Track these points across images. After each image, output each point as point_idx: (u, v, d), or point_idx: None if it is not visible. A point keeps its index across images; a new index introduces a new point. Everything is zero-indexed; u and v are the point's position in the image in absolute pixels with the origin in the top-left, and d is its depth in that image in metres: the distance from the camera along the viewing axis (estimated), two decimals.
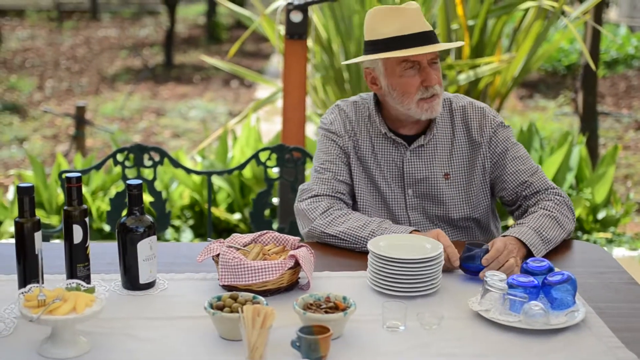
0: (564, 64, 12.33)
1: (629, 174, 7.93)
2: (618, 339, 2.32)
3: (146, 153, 3.78)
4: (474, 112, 3.12)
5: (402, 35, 2.90)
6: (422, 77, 2.94)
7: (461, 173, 3.10)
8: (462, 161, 3.10)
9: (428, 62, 2.95)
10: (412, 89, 2.95)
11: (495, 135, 3.10)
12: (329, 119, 3.17)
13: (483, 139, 3.09)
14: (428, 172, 3.09)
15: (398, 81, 2.96)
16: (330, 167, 3.10)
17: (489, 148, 3.10)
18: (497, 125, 3.11)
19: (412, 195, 3.10)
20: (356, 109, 3.16)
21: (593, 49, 7.14)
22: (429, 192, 3.09)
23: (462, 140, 3.11)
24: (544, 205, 2.99)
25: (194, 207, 5.68)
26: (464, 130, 3.11)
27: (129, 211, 2.59)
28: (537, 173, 3.09)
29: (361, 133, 3.12)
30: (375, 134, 3.11)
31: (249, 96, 11.20)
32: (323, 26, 6.09)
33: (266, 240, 2.75)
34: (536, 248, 2.82)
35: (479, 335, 2.36)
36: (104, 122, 9.73)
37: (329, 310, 2.33)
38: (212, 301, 2.36)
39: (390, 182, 3.10)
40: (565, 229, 2.96)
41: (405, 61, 2.94)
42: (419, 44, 2.90)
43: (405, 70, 2.94)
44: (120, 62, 13.46)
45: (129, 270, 2.59)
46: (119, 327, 2.37)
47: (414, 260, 2.56)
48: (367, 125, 3.13)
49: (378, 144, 3.11)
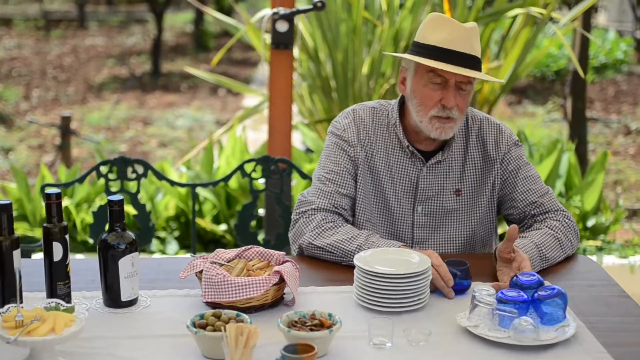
0: (553, 70, 12.32)
1: (619, 180, 7.91)
2: (609, 354, 2.28)
3: (130, 165, 3.72)
4: (490, 128, 3.07)
5: (444, 48, 2.82)
6: (443, 94, 2.86)
7: (472, 189, 3.05)
8: (474, 177, 3.05)
9: (456, 84, 2.86)
10: (430, 102, 2.88)
11: (509, 152, 3.05)
12: (343, 124, 3.07)
13: (498, 156, 3.04)
14: (440, 188, 3.03)
15: (421, 89, 2.89)
16: (335, 179, 3.01)
17: (501, 165, 3.05)
18: (512, 144, 3.06)
19: (420, 212, 3.03)
20: (374, 116, 3.07)
21: (582, 54, 7.12)
22: (439, 209, 3.03)
23: (475, 155, 3.05)
24: (550, 225, 2.95)
25: (180, 218, 5.63)
26: (479, 145, 3.05)
27: (110, 227, 2.53)
28: (547, 194, 3.05)
29: (377, 142, 3.04)
30: (392, 144, 3.03)
31: (237, 104, 11.15)
32: (310, 35, 6.06)
33: (250, 256, 2.70)
34: (533, 263, 2.78)
35: (467, 351, 2.31)
36: (90, 131, 9.67)
37: (314, 328, 2.29)
38: (195, 319, 2.31)
39: (401, 197, 3.03)
40: (565, 252, 2.93)
41: (434, 72, 2.86)
42: (456, 64, 2.82)
43: (430, 82, 2.87)
44: (107, 70, 13.40)
45: (110, 287, 2.54)
46: (100, 347, 2.32)
47: (401, 275, 2.51)
48: (385, 134, 3.04)
49: (394, 155, 3.03)
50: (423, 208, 3.03)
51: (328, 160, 3.05)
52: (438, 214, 3.04)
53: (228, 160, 5.90)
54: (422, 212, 3.03)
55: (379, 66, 5.86)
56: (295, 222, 3.01)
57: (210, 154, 5.93)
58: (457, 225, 3.05)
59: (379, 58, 5.84)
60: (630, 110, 10.72)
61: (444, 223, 3.05)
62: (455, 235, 3.06)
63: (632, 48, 13.85)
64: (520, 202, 3.04)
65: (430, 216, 3.03)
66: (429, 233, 3.04)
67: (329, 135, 3.11)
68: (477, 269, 2.81)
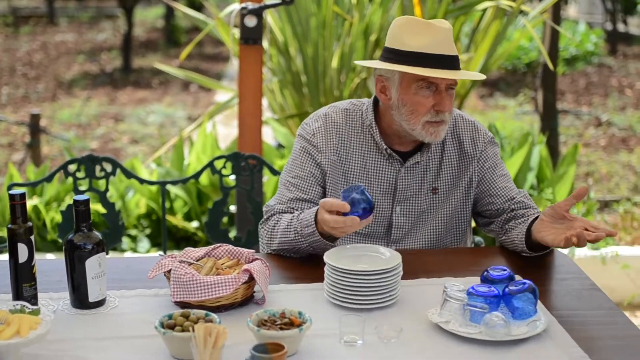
0: (524, 62, 12.37)
1: (590, 172, 7.94)
2: (580, 348, 2.28)
3: (98, 164, 3.68)
4: (465, 125, 3.05)
5: (428, 53, 2.78)
6: (436, 100, 2.83)
7: (448, 187, 3.03)
8: (451, 174, 3.03)
9: (445, 87, 2.83)
10: (423, 109, 2.83)
11: (485, 150, 3.05)
12: (312, 128, 3.01)
13: (475, 153, 3.03)
14: (418, 188, 3.01)
15: (411, 98, 2.84)
16: (299, 184, 2.96)
17: (478, 162, 3.04)
18: (488, 141, 3.06)
19: (399, 212, 3.00)
20: (347, 118, 3.02)
21: (552, 47, 7.13)
22: (416, 208, 3.01)
23: (452, 153, 3.03)
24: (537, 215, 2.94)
25: (151, 216, 5.58)
26: (455, 142, 3.04)
27: (77, 228, 2.49)
28: (522, 192, 3.06)
29: (351, 145, 2.99)
30: (368, 146, 2.99)
31: (209, 100, 11.10)
32: (279, 29, 6.03)
33: (220, 254, 2.67)
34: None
35: (438, 347, 2.30)
36: (60, 129, 9.59)
37: (284, 327, 2.26)
38: (163, 320, 2.28)
39: (379, 199, 2.99)
40: None
41: (423, 80, 2.81)
42: (443, 67, 2.78)
43: (420, 89, 2.83)
44: (77, 67, 13.30)
45: (77, 288, 2.50)
46: (67, 349, 2.28)
47: (371, 271, 2.49)
48: (360, 136, 3.00)
49: (370, 158, 2.99)
50: (402, 208, 3.01)
51: (294, 164, 3.01)
52: (415, 213, 3.02)
53: (198, 156, 5.86)
54: (400, 212, 3.01)
55: (349, 60, 5.84)
56: (259, 233, 3.00)
57: (181, 151, 5.89)
58: (432, 223, 3.04)
59: (349, 52, 5.83)
60: (600, 102, 10.77)
61: (420, 221, 3.03)
62: (429, 232, 3.04)
63: (602, 40, 13.93)
64: (499, 198, 3.03)
65: (407, 216, 3.01)
66: (406, 232, 3.03)
67: (297, 138, 3.06)
68: (451, 263, 2.81)
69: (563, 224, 2.73)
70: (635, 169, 8.08)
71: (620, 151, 8.67)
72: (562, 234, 2.68)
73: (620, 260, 5.27)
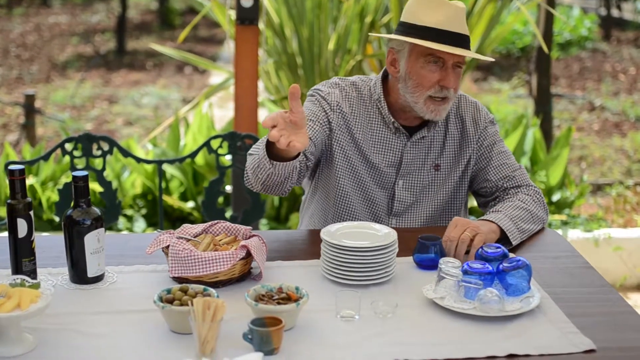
0: (518, 46, 12.37)
1: (583, 156, 7.98)
2: (573, 324, 2.31)
3: (95, 142, 3.70)
4: (467, 106, 3.12)
5: (440, 29, 2.84)
6: (442, 75, 2.89)
7: (449, 164, 3.10)
8: (453, 153, 3.09)
9: (453, 64, 2.89)
10: (428, 83, 2.89)
11: (485, 129, 3.11)
12: (327, 90, 3.07)
13: (476, 132, 3.10)
14: (421, 163, 3.07)
15: (418, 71, 2.90)
16: None
17: (477, 141, 3.10)
18: (489, 121, 3.13)
19: (401, 186, 3.07)
20: (356, 90, 3.08)
21: (546, 31, 7.15)
22: (419, 183, 3.08)
23: (454, 131, 3.09)
24: (521, 198, 2.99)
25: (147, 195, 5.60)
26: (458, 122, 3.10)
27: (75, 203, 2.52)
28: (520, 169, 3.11)
29: (360, 116, 3.05)
30: (375, 119, 3.06)
31: (203, 82, 11.09)
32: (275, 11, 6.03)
33: (217, 231, 2.69)
34: (512, 234, 2.83)
35: (433, 323, 2.33)
36: (55, 110, 9.58)
37: (281, 301, 2.29)
38: (162, 294, 2.31)
39: (385, 169, 3.05)
40: (537, 225, 2.98)
41: (432, 55, 2.87)
42: (453, 44, 2.84)
43: (428, 63, 2.89)
44: (71, 48, 13.27)
45: (76, 263, 2.53)
46: (66, 323, 2.31)
47: (368, 247, 2.52)
48: (368, 108, 3.06)
49: (377, 130, 3.05)
50: (404, 182, 3.07)
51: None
52: (417, 188, 3.08)
53: (194, 137, 5.88)
54: (402, 186, 3.07)
55: (345, 42, 5.85)
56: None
57: (177, 131, 5.90)
58: (431, 199, 3.10)
59: (345, 34, 5.83)
60: (594, 87, 10.80)
61: (420, 197, 3.09)
62: (428, 208, 3.10)
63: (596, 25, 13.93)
64: (493, 175, 3.08)
65: (410, 190, 3.08)
66: (407, 206, 3.09)
67: (308, 97, 3.09)
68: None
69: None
70: (628, 153, 8.11)
71: (613, 135, 8.70)
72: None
73: (613, 243, 5.32)
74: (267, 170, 2.71)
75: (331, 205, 3.09)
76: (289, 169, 2.72)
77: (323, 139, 3.01)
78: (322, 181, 3.11)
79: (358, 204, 3.07)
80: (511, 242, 2.81)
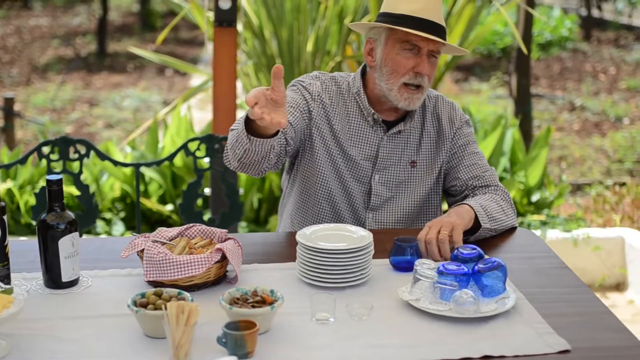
0: (499, 47, 12.41)
1: (564, 156, 8.00)
2: (548, 325, 2.31)
3: (72, 146, 3.68)
4: (444, 105, 3.15)
5: (417, 17, 2.88)
6: (416, 62, 2.92)
7: (426, 162, 3.12)
8: (429, 151, 3.12)
9: (428, 53, 2.92)
10: (403, 69, 2.93)
11: (460, 129, 3.14)
12: (308, 81, 3.10)
13: (451, 132, 3.12)
14: (398, 158, 3.09)
15: (393, 57, 2.94)
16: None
17: (452, 140, 3.12)
18: (464, 122, 3.16)
19: (377, 180, 3.08)
20: (335, 84, 3.11)
21: (525, 31, 7.17)
22: (395, 178, 3.10)
23: (431, 130, 3.12)
24: (490, 197, 3.02)
25: (126, 199, 5.58)
26: (434, 121, 3.13)
27: (49, 207, 2.50)
28: (490, 171, 3.13)
29: (339, 108, 3.08)
30: (354, 112, 3.08)
31: (184, 84, 11.07)
32: (254, 12, 6.02)
33: (192, 234, 2.69)
34: (482, 218, 2.85)
35: (409, 325, 2.33)
36: (35, 113, 9.54)
37: (256, 305, 2.29)
38: (136, 298, 2.30)
39: (361, 161, 3.07)
40: (508, 218, 2.99)
41: (407, 42, 2.91)
42: (429, 32, 2.88)
43: (403, 50, 2.92)
44: (52, 51, 13.22)
45: (50, 268, 2.51)
46: (40, 328, 2.30)
47: (343, 250, 2.52)
48: (347, 101, 3.08)
49: (356, 122, 3.07)
50: (380, 177, 3.08)
51: None
52: (393, 183, 3.10)
53: (173, 139, 5.86)
54: (379, 180, 3.08)
55: (324, 44, 5.85)
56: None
57: (155, 134, 5.88)
58: (407, 197, 3.11)
59: (324, 36, 5.83)
60: (575, 87, 10.84)
61: (397, 193, 3.10)
62: (404, 206, 3.11)
63: (576, 25, 13.98)
64: (464, 174, 3.10)
65: (386, 185, 3.09)
66: (384, 201, 3.10)
67: (290, 87, 3.11)
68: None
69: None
70: (608, 152, 8.14)
71: (593, 135, 8.73)
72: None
73: (592, 243, 5.33)
74: (244, 146, 2.72)
75: (312, 196, 3.09)
76: (267, 147, 2.73)
77: (302, 127, 3.03)
78: (301, 172, 3.12)
79: (338, 194, 3.08)
80: (480, 223, 2.83)
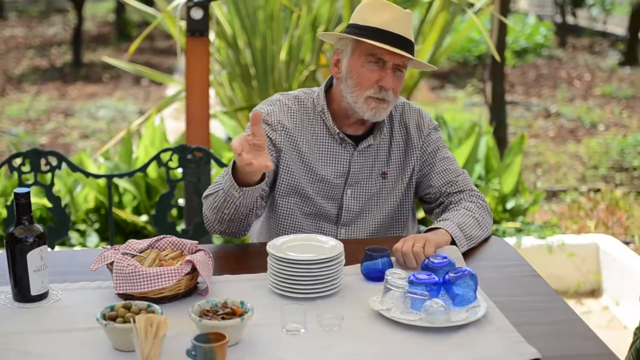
0: (475, 54, 12.46)
1: (539, 162, 8.03)
2: (519, 334, 2.31)
3: (43, 157, 3.66)
4: (411, 112, 3.13)
5: (384, 29, 2.86)
6: (381, 75, 2.89)
7: (396, 172, 3.10)
8: (399, 160, 3.10)
9: (393, 66, 2.90)
10: (367, 82, 2.90)
11: (429, 136, 3.12)
12: (267, 109, 3.04)
13: (420, 139, 3.10)
14: (369, 171, 3.07)
15: (358, 70, 2.91)
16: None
17: (421, 148, 3.10)
18: (432, 128, 3.14)
19: (350, 195, 3.06)
20: (299, 104, 3.07)
21: (499, 39, 7.19)
22: (366, 192, 3.08)
23: (399, 139, 3.10)
24: (465, 206, 3.01)
25: (100, 210, 5.55)
26: (402, 130, 3.11)
27: (18, 221, 2.48)
28: (463, 174, 3.13)
29: (305, 129, 3.04)
30: (320, 131, 3.04)
31: (160, 94, 11.04)
32: (228, 22, 6.02)
33: (163, 246, 2.67)
34: (460, 242, 2.84)
35: (380, 335, 2.33)
36: (9, 124, 9.48)
37: (226, 317, 2.27)
38: (105, 312, 2.28)
39: (333, 180, 3.04)
40: (483, 232, 2.99)
41: (372, 55, 2.89)
42: (395, 45, 2.86)
43: (368, 63, 2.90)
44: (27, 61, 13.15)
45: (19, 282, 2.49)
46: (9, 343, 2.28)
47: (313, 260, 2.51)
48: (312, 121, 3.05)
49: (323, 141, 3.04)
50: (352, 191, 3.06)
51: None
52: (364, 197, 3.08)
53: (147, 150, 5.84)
54: (351, 195, 3.06)
55: (297, 53, 5.86)
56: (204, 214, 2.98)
57: (129, 145, 5.86)
58: (379, 208, 3.10)
59: (298, 45, 5.84)
60: (550, 94, 10.89)
61: (368, 206, 3.09)
62: (376, 217, 3.10)
63: (551, 32, 14.07)
64: (437, 181, 3.09)
65: (358, 199, 3.07)
66: (355, 216, 3.08)
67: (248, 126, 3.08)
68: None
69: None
70: (583, 159, 8.18)
71: (568, 142, 8.77)
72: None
73: (566, 249, 5.35)
74: (235, 201, 2.76)
75: (276, 224, 3.08)
76: (256, 194, 2.77)
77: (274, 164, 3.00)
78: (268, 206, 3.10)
79: (303, 220, 3.06)
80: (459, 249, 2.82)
